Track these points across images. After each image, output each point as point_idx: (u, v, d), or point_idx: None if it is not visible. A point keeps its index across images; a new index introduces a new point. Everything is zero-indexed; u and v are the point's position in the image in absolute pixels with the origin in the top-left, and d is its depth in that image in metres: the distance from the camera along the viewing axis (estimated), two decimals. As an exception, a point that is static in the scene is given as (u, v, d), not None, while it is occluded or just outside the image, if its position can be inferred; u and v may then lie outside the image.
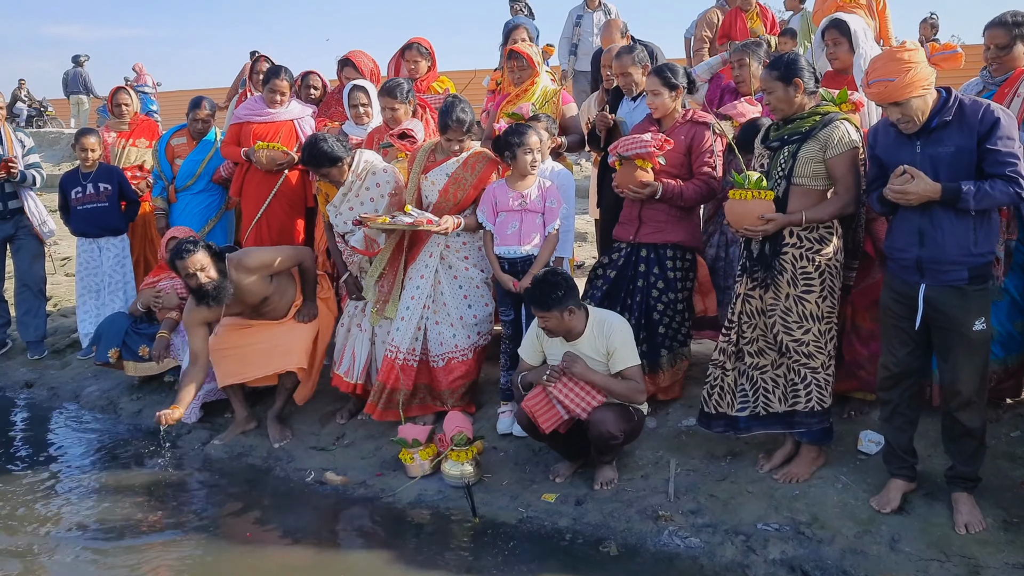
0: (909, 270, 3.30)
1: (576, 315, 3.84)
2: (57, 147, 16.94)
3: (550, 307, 3.75)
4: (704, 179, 4.23)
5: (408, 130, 4.87)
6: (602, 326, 3.89)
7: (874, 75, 3.18)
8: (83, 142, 6.06)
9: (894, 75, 3.11)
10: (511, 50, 5.08)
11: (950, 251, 3.18)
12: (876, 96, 3.20)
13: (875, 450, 3.85)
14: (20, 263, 6.27)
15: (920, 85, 3.12)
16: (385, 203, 4.64)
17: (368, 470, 4.47)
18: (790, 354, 3.66)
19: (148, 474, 4.67)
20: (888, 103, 3.18)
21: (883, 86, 3.14)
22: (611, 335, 3.85)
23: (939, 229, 3.18)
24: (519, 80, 5.03)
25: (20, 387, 6.06)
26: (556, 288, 3.76)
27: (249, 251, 4.83)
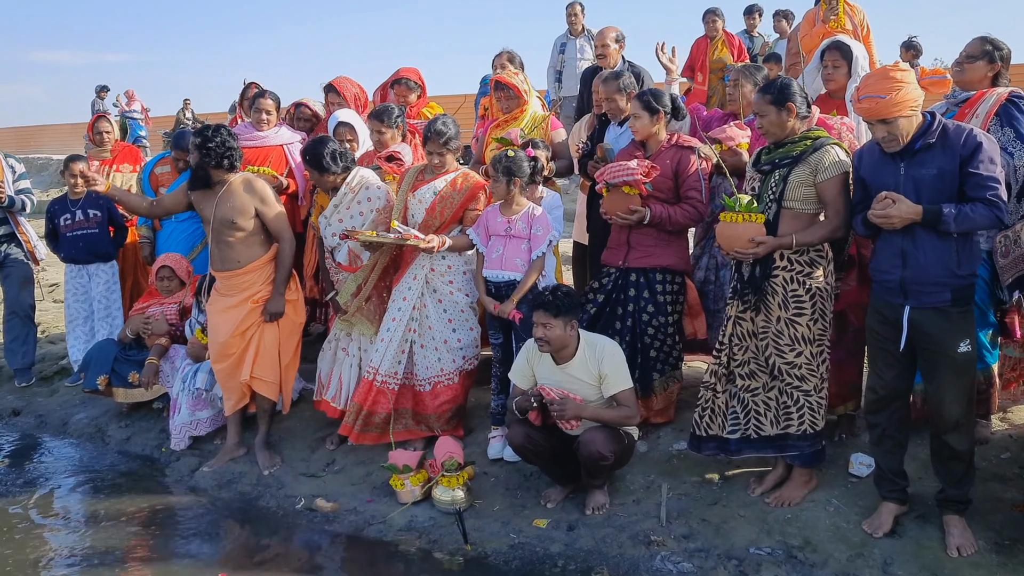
0: (893, 292, 3.32)
1: (574, 332, 3.87)
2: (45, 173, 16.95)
3: (559, 312, 3.77)
4: (692, 203, 4.26)
5: (395, 152, 4.92)
6: (594, 349, 3.89)
7: (865, 91, 3.22)
8: (72, 168, 6.04)
9: (885, 92, 3.15)
10: (497, 80, 5.13)
11: (932, 272, 3.20)
12: (865, 112, 3.23)
13: (866, 472, 3.85)
14: (8, 290, 6.24)
15: (908, 105, 3.16)
16: (372, 218, 4.67)
17: (358, 496, 4.45)
18: (782, 377, 3.67)
19: (137, 502, 4.62)
20: (876, 119, 3.21)
21: (874, 102, 3.17)
22: (603, 359, 3.86)
23: (921, 250, 3.21)
24: (507, 109, 5.08)
25: (7, 415, 6.00)
26: (568, 296, 3.82)
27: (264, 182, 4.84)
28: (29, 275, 6.33)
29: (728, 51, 8.29)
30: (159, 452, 5.19)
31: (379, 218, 4.68)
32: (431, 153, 4.52)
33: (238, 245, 4.70)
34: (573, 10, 8.23)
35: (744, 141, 4.34)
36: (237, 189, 4.67)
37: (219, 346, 4.79)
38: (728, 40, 8.40)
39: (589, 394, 3.90)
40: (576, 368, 3.89)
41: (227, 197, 4.65)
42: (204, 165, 4.63)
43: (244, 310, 4.75)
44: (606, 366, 3.85)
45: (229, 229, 4.67)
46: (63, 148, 21.34)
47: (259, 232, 4.74)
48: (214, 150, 4.57)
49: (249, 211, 4.66)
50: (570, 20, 8.26)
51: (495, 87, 5.15)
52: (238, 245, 4.70)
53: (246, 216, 4.65)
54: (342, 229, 4.67)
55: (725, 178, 4.13)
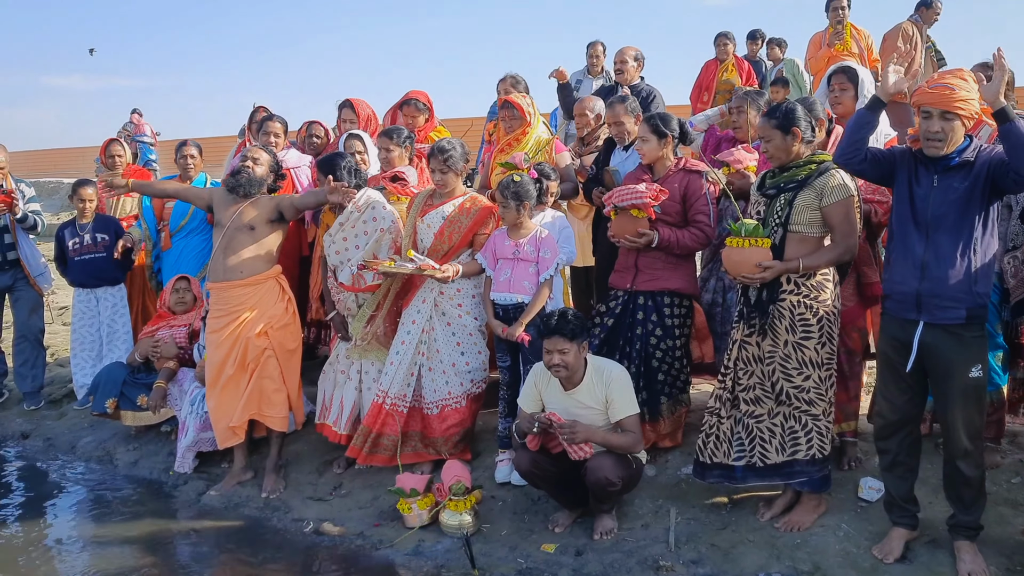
0: (907, 306, 3.30)
1: (584, 355, 3.87)
2: (56, 196, 17.06)
3: (575, 336, 3.77)
4: (700, 227, 4.27)
5: (399, 172, 4.95)
6: (601, 374, 3.89)
7: (940, 80, 3.20)
8: (80, 193, 6.11)
9: (961, 88, 3.14)
10: (504, 100, 5.17)
11: (951, 287, 3.18)
12: (933, 98, 3.17)
13: (876, 497, 3.82)
14: (19, 314, 6.28)
15: (970, 111, 3.16)
16: (376, 238, 4.67)
17: (366, 520, 4.43)
18: (790, 401, 3.65)
19: (145, 525, 4.62)
20: (940, 109, 3.16)
21: (948, 91, 3.14)
22: (610, 383, 3.86)
23: (942, 262, 3.19)
24: (510, 129, 5.11)
25: (16, 438, 6.02)
26: (578, 319, 3.82)
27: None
28: (39, 299, 6.37)
29: (737, 74, 8.34)
30: (167, 475, 5.19)
31: (383, 239, 4.70)
32: (433, 170, 4.56)
33: (247, 254, 4.72)
34: (595, 50, 7.82)
35: (752, 164, 4.36)
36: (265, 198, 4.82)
37: (214, 367, 4.78)
38: (738, 64, 8.45)
39: (596, 420, 3.90)
40: (583, 394, 3.89)
41: (255, 204, 4.76)
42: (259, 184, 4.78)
43: (242, 339, 4.71)
44: (613, 391, 3.85)
45: (243, 234, 4.71)
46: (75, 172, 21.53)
47: (268, 246, 4.78)
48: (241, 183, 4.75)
49: (267, 214, 4.76)
50: (591, 60, 7.84)
51: (501, 106, 5.19)
52: (247, 254, 4.72)
53: (262, 220, 4.74)
54: (345, 247, 4.68)
55: (731, 201, 4.14)
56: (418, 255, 4.43)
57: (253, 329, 4.72)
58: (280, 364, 4.82)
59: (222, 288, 4.73)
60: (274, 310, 4.80)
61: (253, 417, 4.80)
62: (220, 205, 4.86)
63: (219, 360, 4.75)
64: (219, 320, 4.75)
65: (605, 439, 3.83)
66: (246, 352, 4.72)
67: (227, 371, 4.73)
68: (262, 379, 4.77)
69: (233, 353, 4.72)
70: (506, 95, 5.49)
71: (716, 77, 8.27)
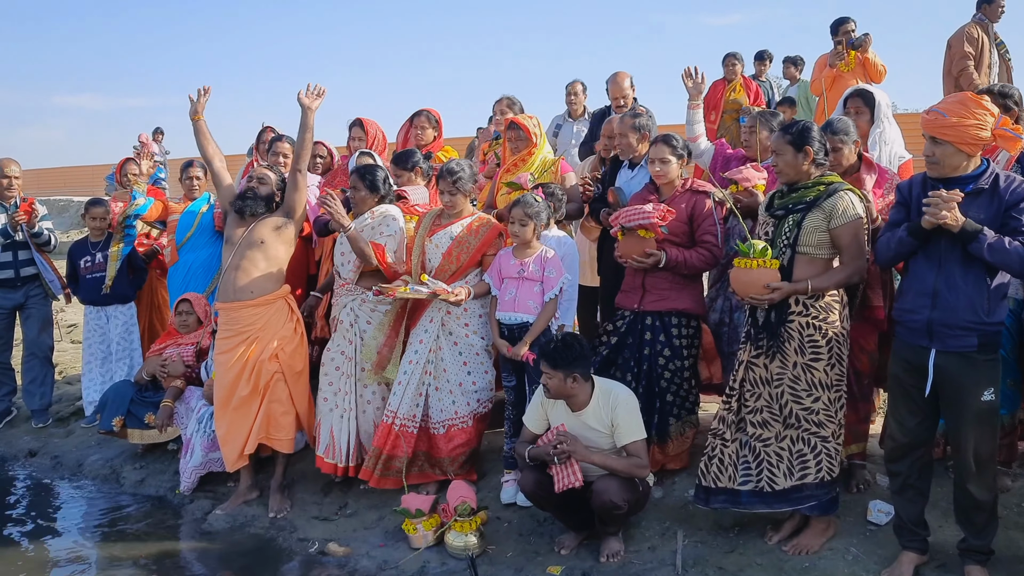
0: (918, 333, 3.28)
1: (579, 384, 3.83)
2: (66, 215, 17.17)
3: (557, 365, 3.76)
4: (707, 247, 4.26)
5: (402, 191, 5.00)
6: (608, 397, 3.87)
7: (937, 105, 3.21)
8: (92, 212, 6.16)
9: (951, 114, 3.15)
10: (510, 120, 5.20)
11: (962, 314, 3.17)
12: (924, 123, 3.22)
13: (885, 520, 3.79)
14: (29, 332, 6.31)
15: (966, 139, 3.15)
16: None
17: (371, 540, 4.42)
18: (799, 423, 3.62)
19: (151, 544, 4.61)
20: (929, 134, 3.19)
21: (935, 116, 3.17)
22: (616, 407, 3.84)
23: (954, 291, 3.18)
24: (516, 149, 5.13)
25: (24, 456, 6.03)
26: (569, 350, 3.78)
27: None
28: (49, 317, 6.42)
29: (745, 94, 8.36)
30: (173, 494, 5.19)
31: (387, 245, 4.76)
32: (442, 192, 4.60)
33: (256, 274, 4.73)
34: (573, 88, 7.06)
35: (760, 183, 4.36)
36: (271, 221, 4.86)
37: (224, 389, 4.77)
38: (745, 84, 8.48)
39: (602, 443, 3.88)
40: (590, 417, 3.87)
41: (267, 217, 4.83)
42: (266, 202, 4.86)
43: (252, 361, 4.70)
44: (619, 416, 3.83)
45: (254, 251, 4.74)
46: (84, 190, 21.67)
47: (278, 264, 4.82)
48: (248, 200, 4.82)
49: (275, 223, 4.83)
50: (569, 100, 7.04)
51: (508, 126, 5.21)
52: (256, 274, 4.73)
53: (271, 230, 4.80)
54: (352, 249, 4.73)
55: (739, 220, 4.13)
56: (432, 280, 4.43)
57: (263, 351, 4.72)
58: (289, 386, 4.81)
59: (232, 308, 4.74)
60: (283, 331, 4.80)
61: (261, 441, 4.79)
62: (230, 224, 4.90)
63: (229, 382, 4.74)
64: (228, 341, 4.75)
65: (604, 462, 3.80)
66: (258, 375, 4.71)
67: (239, 393, 4.72)
68: (271, 403, 4.76)
69: (244, 375, 4.71)
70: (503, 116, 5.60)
71: (724, 97, 8.29)
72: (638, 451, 3.84)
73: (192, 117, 4.97)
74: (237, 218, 4.86)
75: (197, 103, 4.98)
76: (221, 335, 4.82)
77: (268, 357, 4.72)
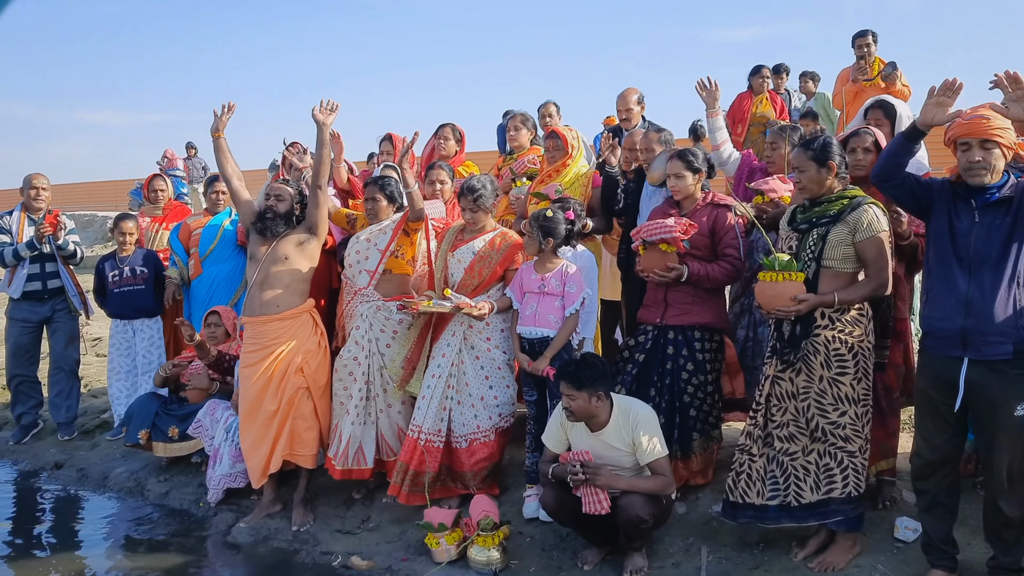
0: (951, 343, 3.23)
1: (603, 403, 3.82)
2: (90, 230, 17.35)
3: (581, 386, 3.74)
4: (729, 260, 4.25)
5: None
6: (627, 416, 3.85)
7: (973, 112, 3.20)
8: (121, 226, 6.24)
9: (992, 118, 3.15)
10: (550, 130, 5.22)
11: (997, 323, 3.13)
12: (970, 128, 3.17)
13: (912, 537, 3.75)
14: (55, 345, 6.39)
15: (1007, 141, 3.16)
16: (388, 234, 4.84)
17: (394, 554, 4.42)
18: (826, 438, 3.59)
19: (175, 557, 4.64)
20: (979, 138, 3.16)
21: (983, 120, 3.15)
22: (637, 426, 3.82)
23: (987, 298, 3.15)
24: (552, 159, 5.15)
25: (50, 468, 6.08)
26: (592, 368, 3.76)
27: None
28: (76, 331, 6.50)
29: (771, 107, 8.35)
30: (196, 507, 5.22)
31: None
32: (464, 209, 4.63)
33: (282, 288, 4.78)
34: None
35: (786, 195, 4.34)
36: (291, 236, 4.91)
37: (248, 402, 4.81)
38: (771, 97, 8.47)
39: (624, 461, 3.87)
40: (610, 436, 3.86)
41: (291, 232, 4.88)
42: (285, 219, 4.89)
43: (278, 375, 4.74)
44: (640, 434, 3.80)
45: (278, 267, 4.78)
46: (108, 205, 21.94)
47: (303, 277, 4.86)
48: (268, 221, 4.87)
49: (299, 238, 4.87)
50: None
51: (547, 136, 5.24)
52: (282, 288, 4.78)
53: (295, 244, 4.84)
54: (367, 247, 4.84)
55: (762, 233, 4.12)
56: (455, 294, 4.46)
57: (289, 365, 4.76)
58: (313, 400, 4.85)
59: (259, 322, 4.78)
60: (308, 344, 4.84)
61: (285, 458, 4.82)
62: (253, 241, 4.95)
63: (254, 395, 4.78)
64: (254, 355, 4.79)
65: (631, 485, 3.78)
66: (283, 390, 4.75)
67: (265, 407, 4.76)
68: (296, 419, 4.80)
69: (269, 389, 4.75)
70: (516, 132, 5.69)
71: (750, 110, 8.27)
72: (662, 468, 3.82)
73: (213, 134, 5.00)
74: (259, 236, 4.91)
75: (219, 119, 5.01)
76: (247, 349, 4.86)
77: (294, 371, 4.76)
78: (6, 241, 6.15)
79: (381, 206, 4.87)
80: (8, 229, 6.18)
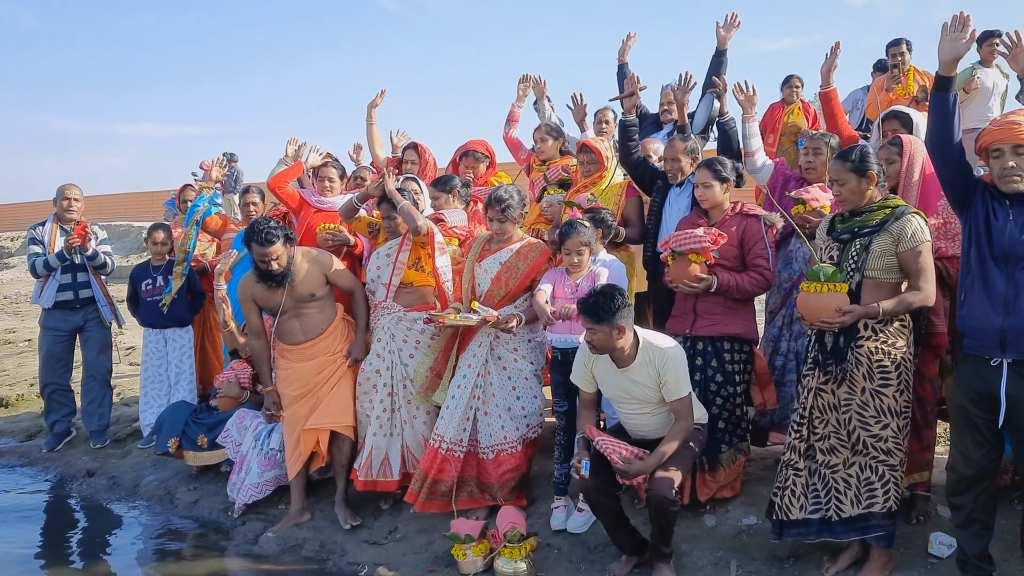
0: (989, 344, 3.15)
1: (625, 336, 3.72)
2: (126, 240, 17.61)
3: (600, 319, 3.66)
4: (759, 271, 4.20)
5: (439, 214, 5.05)
6: (654, 353, 3.76)
7: (1004, 119, 3.17)
8: (154, 236, 6.33)
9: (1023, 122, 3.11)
10: (582, 144, 5.20)
11: None
12: (1001, 135, 3.13)
13: (947, 553, 3.67)
14: (88, 354, 6.48)
15: None
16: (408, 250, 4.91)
17: (420, 565, 4.41)
18: (867, 451, 3.52)
19: (203, 566, 4.67)
20: (1011, 144, 3.11)
21: (1015, 126, 3.10)
22: (665, 365, 3.73)
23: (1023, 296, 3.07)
24: (587, 173, 5.12)
25: (82, 476, 6.15)
26: (611, 300, 3.65)
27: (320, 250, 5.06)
28: (108, 340, 6.58)
29: (803, 117, 8.26)
30: (225, 516, 5.25)
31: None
32: (491, 219, 4.62)
33: (316, 315, 4.91)
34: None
35: (827, 203, 4.28)
36: (301, 265, 4.86)
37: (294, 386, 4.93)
38: (803, 107, 8.38)
39: (650, 397, 3.79)
40: (636, 372, 3.78)
41: (298, 275, 4.84)
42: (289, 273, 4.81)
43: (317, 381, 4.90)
44: (667, 373, 3.72)
45: (308, 303, 4.87)
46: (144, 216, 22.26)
47: (330, 295, 4.97)
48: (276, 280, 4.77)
49: (321, 279, 4.90)
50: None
51: (579, 149, 5.22)
52: (316, 315, 4.91)
53: (320, 286, 4.89)
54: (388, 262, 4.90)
55: (804, 241, 4.04)
56: (482, 307, 4.44)
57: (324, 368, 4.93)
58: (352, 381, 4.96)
59: (308, 347, 4.93)
60: (343, 344, 5.01)
61: (325, 425, 4.85)
62: (263, 298, 4.89)
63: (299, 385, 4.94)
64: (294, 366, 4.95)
65: (661, 457, 3.70)
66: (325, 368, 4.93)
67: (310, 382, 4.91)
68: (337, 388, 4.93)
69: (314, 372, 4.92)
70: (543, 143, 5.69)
71: (782, 119, 8.19)
72: (684, 409, 3.75)
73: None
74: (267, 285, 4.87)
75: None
76: (288, 359, 4.95)
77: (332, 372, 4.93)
78: (39, 252, 6.26)
79: (399, 222, 4.88)
80: (41, 240, 6.29)
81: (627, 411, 3.95)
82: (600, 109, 6.55)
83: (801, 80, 8.27)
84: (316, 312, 4.90)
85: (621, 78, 6.37)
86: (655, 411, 3.86)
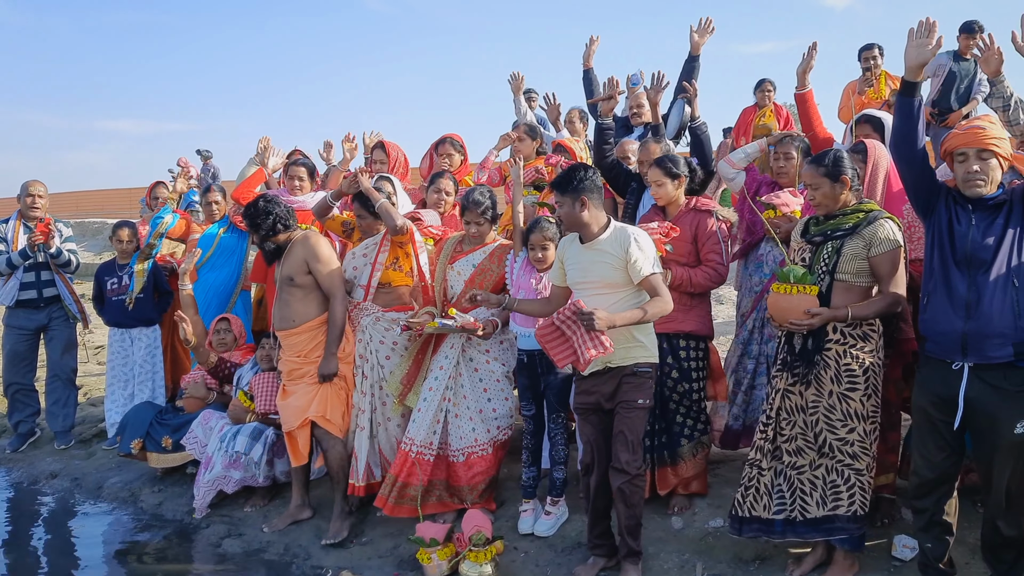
0: (950, 348, 3.16)
1: (591, 212, 3.71)
2: (100, 237, 17.42)
3: (565, 190, 3.71)
4: (712, 265, 4.28)
5: (416, 213, 5.00)
6: (624, 231, 3.72)
7: (972, 122, 3.20)
8: (119, 234, 6.24)
9: (988, 127, 3.14)
10: (557, 143, 5.18)
11: (997, 322, 3.05)
12: (966, 138, 3.15)
13: (910, 555, 3.68)
14: (52, 353, 6.38)
15: (1004, 151, 3.14)
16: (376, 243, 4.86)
17: (385, 569, 4.37)
18: (833, 454, 3.52)
19: (166, 568, 4.61)
20: (976, 147, 3.13)
21: (979, 130, 3.13)
22: (634, 239, 3.67)
23: (986, 300, 3.08)
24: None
25: (45, 477, 6.06)
26: (576, 173, 3.73)
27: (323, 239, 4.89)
28: (73, 339, 6.49)
29: (775, 119, 8.30)
30: (190, 518, 5.17)
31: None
32: (468, 223, 4.57)
33: (295, 303, 4.71)
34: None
35: (797, 208, 4.29)
36: (296, 247, 4.76)
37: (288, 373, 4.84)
38: (776, 110, 8.43)
39: (614, 277, 3.69)
40: (603, 244, 3.72)
41: (288, 254, 4.76)
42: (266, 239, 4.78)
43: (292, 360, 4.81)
44: (633, 249, 3.64)
45: (288, 286, 4.73)
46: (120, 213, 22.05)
47: (315, 291, 4.73)
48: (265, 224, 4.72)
49: (303, 267, 4.68)
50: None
51: (555, 149, 5.19)
52: (295, 303, 4.71)
53: (301, 273, 4.68)
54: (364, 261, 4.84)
55: (777, 244, 4.05)
56: (459, 314, 4.38)
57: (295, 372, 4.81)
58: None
59: (284, 336, 4.81)
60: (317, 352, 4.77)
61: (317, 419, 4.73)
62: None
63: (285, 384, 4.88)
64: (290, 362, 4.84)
65: (631, 318, 3.59)
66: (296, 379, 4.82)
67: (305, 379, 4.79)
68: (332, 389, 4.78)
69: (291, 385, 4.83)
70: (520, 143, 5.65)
71: (754, 122, 8.23)
72: (656, 285, 3.66)
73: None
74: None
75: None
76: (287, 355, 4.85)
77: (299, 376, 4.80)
78: (1, 249, 6.16)
79: (369, 223, 4.82)
80: (4, 237, 6.19)
81: (589, 295, 3.76)
82: (569, 109, 6.56)
83: (773, 84, 8.34)
84: (295, 301, 4.70)
85: (587, 83, 6.38)
86: (617, 294, 3.73)
